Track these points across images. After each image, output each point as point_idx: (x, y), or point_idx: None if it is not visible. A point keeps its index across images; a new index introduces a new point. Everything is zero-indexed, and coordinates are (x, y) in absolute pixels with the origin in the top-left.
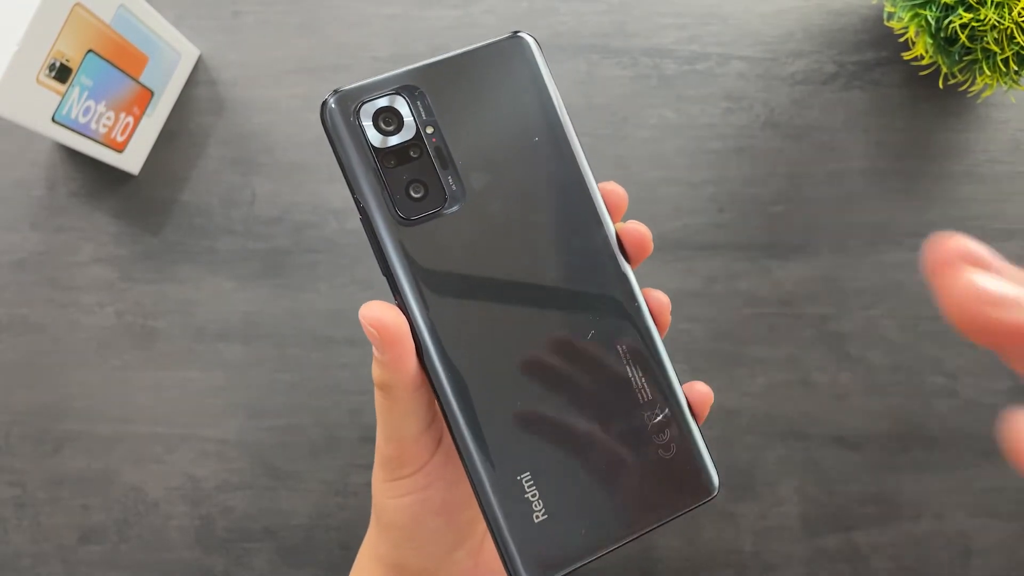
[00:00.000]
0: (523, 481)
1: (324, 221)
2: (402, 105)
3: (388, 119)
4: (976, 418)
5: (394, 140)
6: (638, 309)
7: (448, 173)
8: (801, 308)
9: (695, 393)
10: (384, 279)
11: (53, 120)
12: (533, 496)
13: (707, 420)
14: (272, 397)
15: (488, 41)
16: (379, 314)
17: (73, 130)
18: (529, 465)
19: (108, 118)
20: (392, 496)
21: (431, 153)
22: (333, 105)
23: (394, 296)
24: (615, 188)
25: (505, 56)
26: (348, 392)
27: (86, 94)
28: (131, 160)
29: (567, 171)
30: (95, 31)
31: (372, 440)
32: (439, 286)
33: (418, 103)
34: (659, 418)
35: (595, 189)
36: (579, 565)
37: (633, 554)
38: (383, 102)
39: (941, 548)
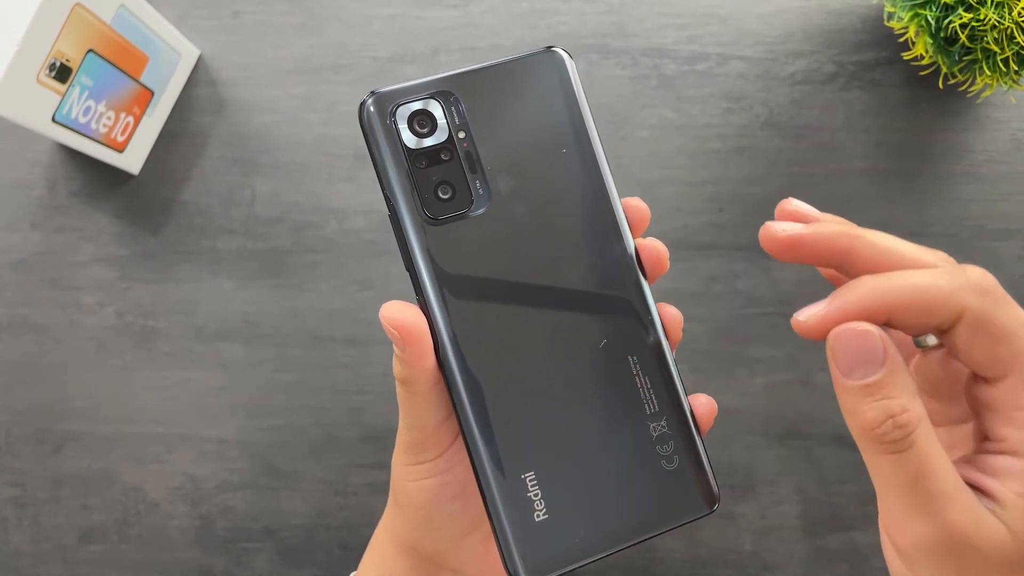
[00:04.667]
0: (527, 480)
1: (324, 221)
2: (436, 109)
3: (422, 121)
4: None
5: (427, 142)
6: (651, 322)
7: (476, 177)
8: (801, 308)
9: (699, 406)
10: (408, 276)
11: (53, 120)
12: (535, 495)
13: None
14: (272, 397)
15: (524, 53)
16: (399, 314)
17: (73, 130)
18: (534, 465)
19: (108, 118)
20: (412, 479)
21: (461, 157)
22: (370, 105)
23: (416, 293)
24: (638, 204)
25: (539, 69)
26: (348, 392)
27: (86, 94)
28: (131, 160)
29: (592, 183)
30: (95, 31)
31: (372, 440)
32: (459, 285)
33: (452, 108)
34: (664, 430)
35: (618, 203)
36: (574, 567)
37: (633, 554)
38: (418, 105)
39: None
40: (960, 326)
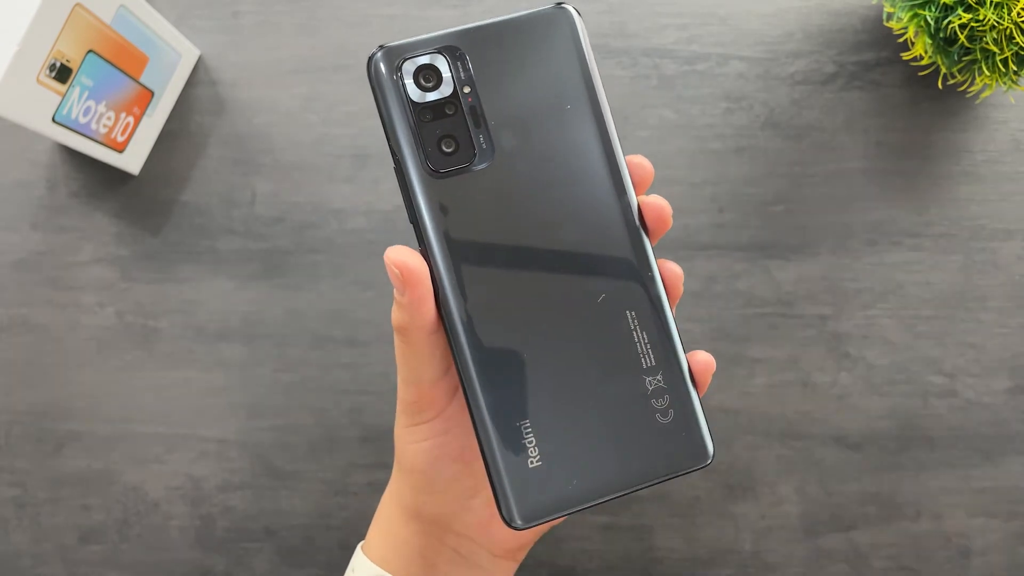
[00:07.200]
0: (522, 427)
1: (324, 221)
2: (442, 64)
3: (428, 76)
4: (975, 418)
5: (432, 96)
6: (651, 278)
7: (480, 132)
8: (801, 308)
9: (697, 362)
10: (412, 228)
11: (53, 120)
12: (530, 443)
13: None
14: (272, 397)
15: (532, 10)
16: (403, 257)
17: (73, 130)
18: (530, 413)
19: (108, 118)
20: (412, 441)
21: (465, 111)
22: (378, 59)
23: (419, 243)
24: (642, 161)
25: (547, 25)
26: (348, 392)
27: (86, 94)
28: (131, 160)
29: (596, 140)
30: (95, 31)
31: (372, 440)
32: (461, 237)
33: (458, 63)
34: (660, 384)
35: (622, 160)
36: (567, 512)
37: (633, 554)
38: (424, 60)
39: (940, 548)
40: None
